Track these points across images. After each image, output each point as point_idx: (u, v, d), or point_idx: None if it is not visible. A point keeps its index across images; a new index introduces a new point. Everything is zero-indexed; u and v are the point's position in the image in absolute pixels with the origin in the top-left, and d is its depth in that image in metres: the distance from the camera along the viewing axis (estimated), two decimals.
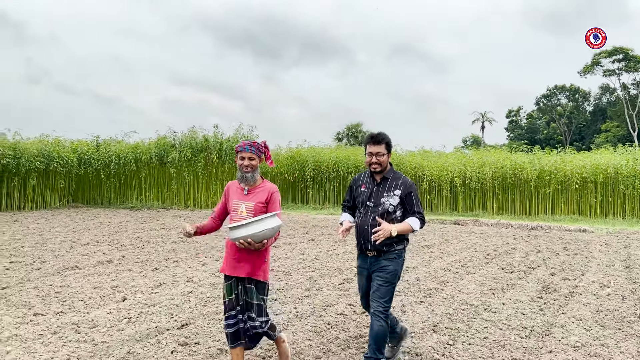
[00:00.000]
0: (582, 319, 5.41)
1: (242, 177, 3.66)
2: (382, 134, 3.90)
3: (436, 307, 5.78)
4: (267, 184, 3.75)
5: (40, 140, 18.64)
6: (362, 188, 3.98)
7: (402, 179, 3.92)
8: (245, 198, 3.66)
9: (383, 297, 3.73)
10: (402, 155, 21.29)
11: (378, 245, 3.75)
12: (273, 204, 3.65)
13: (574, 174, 18.18)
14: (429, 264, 8.52)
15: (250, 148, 3.64)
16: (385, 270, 3.77)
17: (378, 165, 3.85)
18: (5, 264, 7.72)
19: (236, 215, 3.65)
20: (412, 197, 3.86)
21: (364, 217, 3.87)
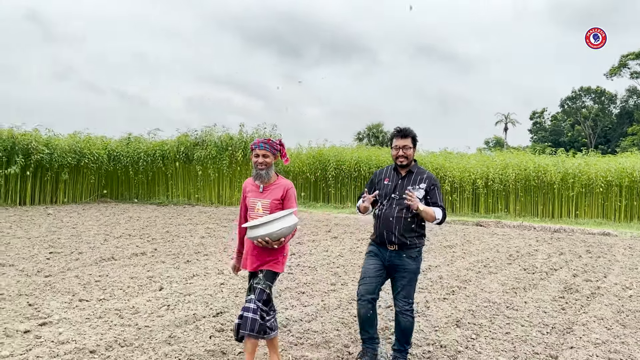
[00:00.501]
0: (603, 318, 5.54)
1: (256, 175, 3.68)
2: (409, 129, 3.95)
3: (459, 304, 5.97)
4: (282, 180, 3.77)
5: (72, 137, 19.20)
6: (385, 181, 4.00)
7: (426, 174, 3.98)
8: (260, 195, 3.69)
9: (408, 296, 3.84)
10: (424, 156, 21.39)
11: (401, 239, 3.79)
12: (289, 200, 3.68)
13: (599, 177, 18.08)
14: (452, 263, 8.69)
15: (264, 145, 3.65)
16: (409, 270, 3.83)
17: (405, 158, 3.90)
18: (45, 254, 8.11)
19: (253, 212, 3.69)
20: (436, 191, 3.92)
21: (388, 209, 3.88)
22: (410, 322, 3.83)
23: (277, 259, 3.64)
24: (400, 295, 3.84)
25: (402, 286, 3.84)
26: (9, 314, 4.88)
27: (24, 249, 8.58)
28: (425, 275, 7.56)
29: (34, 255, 7.99)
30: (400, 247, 3.83)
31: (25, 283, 6.17)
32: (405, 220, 3.82)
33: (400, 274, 3.84)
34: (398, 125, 3.97)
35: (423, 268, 8.05)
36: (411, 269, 3.84)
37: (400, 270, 3.84)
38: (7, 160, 16.55)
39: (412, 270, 3.84)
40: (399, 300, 3.84)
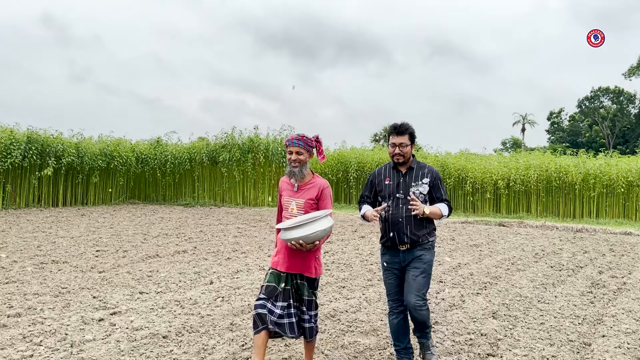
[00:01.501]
0: (631, 311, 5.82)
1: (290, 172, 3.59)
2: (406, 124, 3.76)
3: (493, 298, 6.28)
4: (318, 179, 3.66)
5: (102, 140, 19.80)
6: (386, 181, 3.84)
7: (427, 168, 3.85)
8: (295, 195, 3.60)
9: (421, 289, 3.65)
10: (443, 157, 21.63)
11: (413, 237, 3.68)
12: (324, 200, 3.57)
13: (620, 177, 18.19)
14: (480, 261, 8.98)
15: (298, 142, 3.56)
16: (422, 260, 3.70)
17: (401, 156, 3.74)
18: (92, 252, 8.58)
19: (287, 212, 3.61)
20: (439, 185, 3.81)
21: (395, 210, 3.74)
22: (425, 316, 3.68)
23: (311, 263, 3.57)
24: (412, 288, 3.64)
25: (415, 277, 3.66)
26: (79, 305, 5.31)
27: (71, 247, 9.06)
28: (456, 272, 7.88)
29: (83, 253, 8.46)
30: (412, 246, 3.72)
31: (83, 278, 6.62)
32: (415, 218, 3.70)
33: (414, 264, 3.70)
34: (395, 122, 3.79)
35: (453, 265, 8.39)
36: (424, 259, 3.71)
37: (413, 261, 3.71)
38: (41, 164, 17.17)
39: (425, 260, 3.71)
40: (411, 295, 3.63)
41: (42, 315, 4.86)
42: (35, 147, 16.80)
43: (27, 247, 8.84)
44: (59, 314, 4.96)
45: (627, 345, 4.61)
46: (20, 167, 16.64)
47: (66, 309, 5.14)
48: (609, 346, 4.56)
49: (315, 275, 3.61)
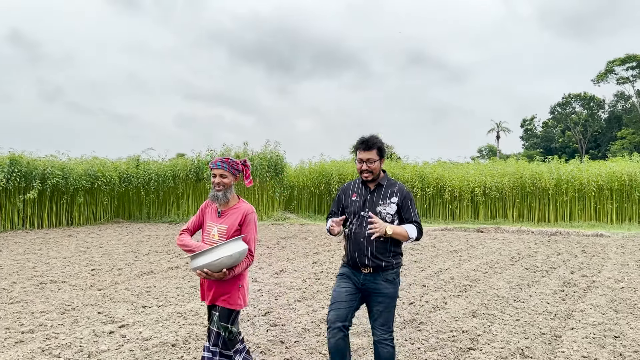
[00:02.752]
0: (598, 306, 6.35)
1: (213, 196, 3.46)
2: (374, 138, 3.54)
3: (472, 299, 6.76)
4: (243, 204, 3.51)
5: (87, 161, 19.95)
6: (352, 197, 3.62)
7: (398, 186, 3.60)
8: (217, 220, 3.45)
9: (386, 324, 3.50)
10: (421, 167, 22.26)
11: (376, 261, 3.45)
12: (247, 226, 3.41)
13: (590, 182, 19.01)
14: (460, 266, 9.48)
15: (222, 165, 3.45)
16: (386, 295, 3.48)
17: (369, 173, 3.53)
18: (88, 271, 8.85)
19: (208, 238, 3.43)
20: (409, 206, 3.55)
21: (358, 229, 3.52)
22: (390, 353, 3.49)
23: (231, 293, 3.35)
24: (378, 322, 3.50)
25: (379, 313, 3.49)
26: (87, 320, 5.63)
27: (66, 267, 9.31)
28: (438, 276, 8.36)
29: (79, 273, 8.72)
30: (375, 270, 3.47)
31: (85, 296, 6.91)
32: (377, 240, 3.44)
33: (377, 299, 3.49)
34: (362, 135, 3.57)
35: (435, 270, 8.86)
36: (388, 293, 3.48)
37: (376, 294, 3.48)
38: (25, 186, 17.26)
39: (389, 294, 3.49)
40: (377, 329, 3.50)
41: (54, 331, 5.18)
42: (19, 169, 16.90)
43: (23, 269, 9.06)
44: (70, 329, 5.28)
45: (593, 335, 5.12)
46: (5, 189, 16.72)
47: (75, 324, 5.46)
48: (577, 337, 5.06)
49: (235, 307, 3.38)
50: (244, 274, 3.42)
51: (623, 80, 61.68)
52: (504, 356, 4.51)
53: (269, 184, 20.97)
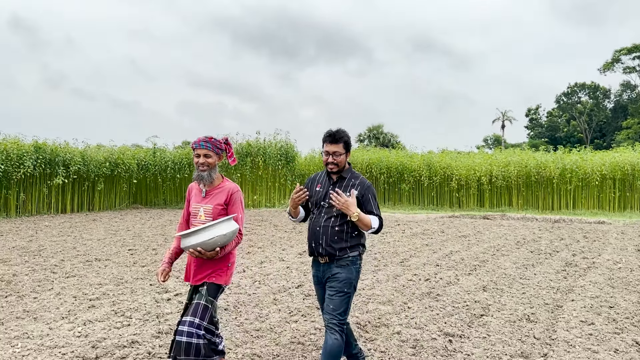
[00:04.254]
0: (597, 283, 7.05)
1: (198, 176, 3.45)
2: (341, 132, 3.60)
3: (482, 277, 7.46)
4: (227, 183, 3.53)
5: (107, 149, 20.68)
6: (317, 187, 3.69)
7: (360, 179, 3.66)
8: (203, 200, 3.46)
9: (337, 309, 3.44)
10: (429, 156, 22.91)
11: (329, 249, 3.49)
12: (233, 205, 3.43)
13: (594, 171, 19.63)
14: (469, 249, 10.18)
15: (205, 144, 3.41)
16: (337, 279, 3.47)
17: (335, 165, 3.58)
18: (126, 251, 9.59)
19: (195, 219, 3.44)
20: (370, 199, 3.61)
21: (316, 219, 3.59)
22: (337, 342, 3.37)
23: (221, 270, 3.40)
24: (328, 307, 3.47)
25: (329, 297, 3.48)
26: (143, 291, 6.37)
27: (103, 247, 10.05)
28: (449, 257, 9.06)
29: (117, 252, 9.46)
30: (330, 259, 3.52)
31: (132, 271, 7.65)
32: (332, 229, 3.49)
33: (330, 283, 3.51)
34: (330, 128, 3.63)
35: (446, 252, 9.56)
36: (340, 278, 3.47)
37: (330, 280, 3.52)
38: (50, 173, 18.01)
39: (340, 279, 3.46)
40: (326, 313, 3.48)
41: (118, 299, 5.92)
42: (43, 156, 17.64)
43: (65, 249, 9.80)
44: (130, 297, 6.02)
45: (591, 305, 5.82)
46: (31, 176, 17.47)
47: (134, 294, 6.20)
48: (576, 307, 5.76)
49: (222, 283, 3.43)
50: (233, 252, 3.47)
51: (629, 69, 61.98)
52: (512, 320, 5.22)
53: (281, 172, 21.67)
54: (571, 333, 4.81)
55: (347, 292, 3.47)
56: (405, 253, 9.50)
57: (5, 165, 16.42)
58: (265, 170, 21.38)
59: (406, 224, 14.91)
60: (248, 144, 21.47)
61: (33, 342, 4.41)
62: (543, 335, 4.76)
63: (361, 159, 22.78)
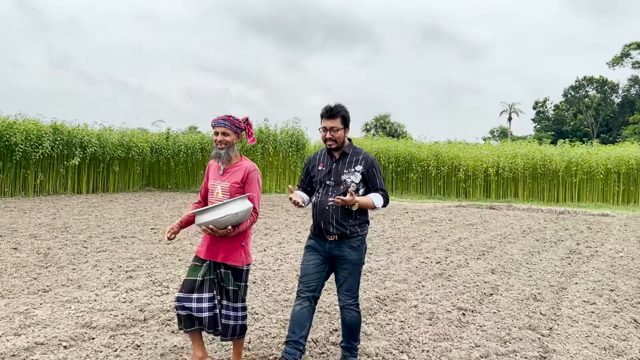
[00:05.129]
0: (599, 269, 7.45)
1: (216, 154, 3.48)
2: (338, 106, 3.57)
3: (490, 261, 7.87)
4: (245, 162, 3.54)
5: (120, 132, 21.10)
6: (319, 167, 3.67)
7: (362, 154, 3.64)
8: (220, 178, 3.49)
9: (351, 289, 3.57)
10: (437, 146, 23.24)
11: (340, 228, 3.50)
12: (250, 184, 3.44)
13: (599, 165, 19.95)
14: (476, 236, 10.58)
15: (224, 122, 3.43)
16: (350, 261, 3.54)
17: (333, 141, 3.55)
18: (148, 230, 10.03)
19: (212, 196, 3.49)
20: (374, 173, 3.60)
21: (323, 197, 3.56)
22: (355, 318, 3.59)
23: (235, 252, 3.43)
24: (343, 288, 3.57)
25: (344, 279, 3.56)
26: (174, 264, 6.81)
27: (126, 226, 10.50)
28: (458, 243, 9.47)
29: (140, 231, 9.90)
30: (340, 237, 3.52)
31: (159, 248, 8.09)
32: (342, 208, 3.49)
33: (341, 265, 3.55)
34: (328, 104, 3.59)
35: (455, 239, 9.97)
36: (352, 260, 3.54)
37: (340, 261, 3.55)
38: (67, 154, 18.46)
39: (353, 261, 3.54)
40: (341, 294, 3.59)
41: (152, 271, 6.36)
42: (62, 138, 18.08)
43: (89, 227, 10.25)
44: (164, 269, 6.46)
45: (593, 288, 6.23)
46: (50, 157, 17.93)
47: (165, 267, 6.64)
48: (579, 289, 6.17)
49: (241, 265, 3.46)
50: (248, 232, 3.51)
51: (638, 64, 61.76)
52: (520, 299, 5.63)
53: (292, 158, 22.07)
54: (574, 311, 5.22)
55: (358, 272, 3.61)
56: (416, 238, 9.91)
57: (24, 145, 16.86)
58: (276, 156, 21.77)
59: (414, 212, 15.31)
60: (260, 130, 21.85)
61: (84, 305, 4.85)
62: (549, 312, 5.17)
63: (370, 148, 23.12)
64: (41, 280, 5.86)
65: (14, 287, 5.49)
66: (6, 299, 5.07)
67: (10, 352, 3.64)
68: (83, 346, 3.85)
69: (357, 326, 3.64)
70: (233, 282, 3.43)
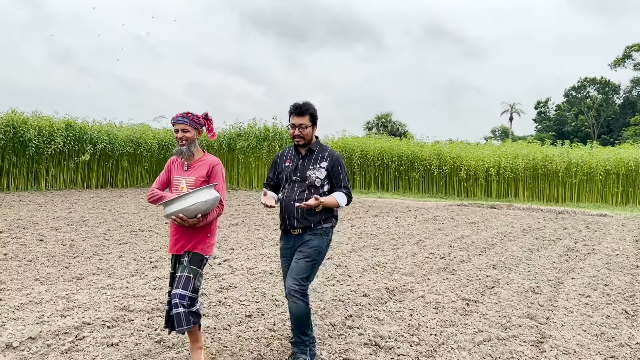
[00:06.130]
0: (595, 266, 7.86)
1: (177, 151, 3.55)
2: (307, 104, 3.63)
3: (492, 257, 8.28)
4: (208, 157, 3.63)
5: (129, 128, 21.51)
6: (286, 163, 3.75)
7: (328, 152, 3.73)
8: (185, 173, 3.55)
9: (300, 274, 3.48)
10: (439, 146, 23.65)
11: (304, 222, 3.56)
12: (215, 177, 3.53)
13: (599, 166, 20.35)
14: (478, 234, 10.99)
15: (183, 119, 3.50)
16: (308, 244, 3.55)
17: (301, 138, 3.63)
18: (163, 224, 10.44)
19: (177, 191, 3.52)
20: (339, 171, 3.68)
21: (289, 193, 3.65)
22: (300, 307, 3.44)
23: (202, 240, 3.48)
24: (292, 272, 3.51)
25: (296, 261, 3.53)
26: None
27: (142, 220, 10.91)
28: (461, 241, 9.88)
29: (156, 225, 10.32)
30: (303, 230, 3.60)
31: None
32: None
33: (299, 249, 3.58)
34: (296, 101, 3.65)
35: (457, 236, 10.38)
36: (310, 244, 3.55)
37: (300, 247, 3.60)
38: (78, 150, 18.88)
39: (311, 245, 3.55)
40: (289, 278, 3.50)
41: None
42: (73, 134, 18.50)
43: (106, 221, 10.67)
44: None
45: (588, 283, 6.64)
46: (62, 152, 18.35)
47: None
48: (575, 283, 6.58)
49: (203, 253, 3.49)
50: (214, 223, 3.56)
51: None
52: (519, 291, 6.05)
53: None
54: (570, 302, 5.64)
55: (314, 260, 3.54)
56: (420, 235, 10.32)
57: (37, 140, 17.28)
58: None
59: (417, 210, 15.72)
60: (265, 128, 22.27)
61: (118, 292, 5.27)
62: (546, 303, 5.58)
63: (373, 147, 23.53)
64: (72, 269, 6.28)
65: (50, 275, 5.91)
66: (45, 285, 5.49)
67: (62, 329, 4.06)
68: (125, 326, 4.27)
69: (304, 318, 3.50)
70: (189, 265, 3.41)
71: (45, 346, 3.77)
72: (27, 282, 5.56)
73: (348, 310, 5.01)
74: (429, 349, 4.07)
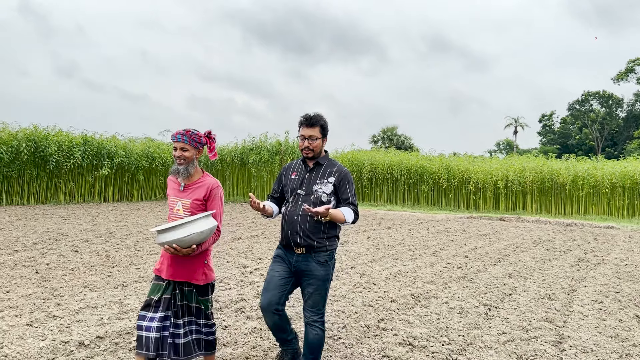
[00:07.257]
0: (606, 275, 8.22)
1: (174, 170, 3.36)
2: (318, 116, 3.53)
3: (506, 267, 8.65)
4: (207, 178, 3.42)
5: (144, 142, 22.04)
6: (292, 175, 3.64)
7: (337, 167, 3.60)
8: (181, 194, 3.35)
9: (317, 305, 3.48)
10: (448, 159, 24.08)
11: (308, 240, 3.43)
12: (212, 201, 3.33)
13: (605, 179, 20.71)
14: (491, 245, 11.36)
15: (182, 137, 3.29)
16: (317, 276, 3.45)
17: (310, 150, 3.53)
18: None
19: (172, 213, 3.36)
20: (347, 187, 3.55)
21: (293, 207, 3.51)
22: (318, 336, 3.47)
23: (198, 270, 3.32)
24: (308, 304, 3.49)
25: (309, 294, 3.47)
26: (226, 266, 7.62)
27: None
28: (475, 251, 10.25)
29: None
30: (307, 250, 3.45)
31: None
32: (310, 219, 3.43)
33: (307, 280, 3.47)
34: (307, 112, 3.54)
35: (471, 247, 10.75)
36: (319, 276, 3.45)
37: (307, 276, 3.47)
38: (96, 164, 19.38)
39: (319, 277, 3.46)
40: (307, 310, 3.49)
41: None
42: (91, 149, 19.02)
43: (132, 233, 11.10)
44: (219, 270, 7.28)
45: (600, 290, 7.01)
46: (80, 167, 18.85)
47: (221, 268, 7.46)
48: (588, 291, 6.95)
49: (205, 282, 3.36)
50: (209, 250, 3.41)
51: None
52: (536, 298, 6.42)
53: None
54: (585, 308, 6.01)
55: (326, 289, 3.52)
56: (435, 246, 10.71)
57: (57, 155, 17.79)
58: None
59: (429, 222, 16.10)
60: (278, 142, 22.77)
61: None
62: (562, 308, 5.96)
63: (382, 161, 23.97)
64: (115, 277, 6.69)
65: (96, 283, 6.33)
66: (94, 291, 5.91)
67: (124, 330, 4.46)
68: None
69: (320, 345, 3.51)
70: (197, 298, 3.35)
71: (113, 344, 4.17)
72: (77, 289, 5.98)
73: (379, 315, 5.40)
74: (459, 348, 4.46)
